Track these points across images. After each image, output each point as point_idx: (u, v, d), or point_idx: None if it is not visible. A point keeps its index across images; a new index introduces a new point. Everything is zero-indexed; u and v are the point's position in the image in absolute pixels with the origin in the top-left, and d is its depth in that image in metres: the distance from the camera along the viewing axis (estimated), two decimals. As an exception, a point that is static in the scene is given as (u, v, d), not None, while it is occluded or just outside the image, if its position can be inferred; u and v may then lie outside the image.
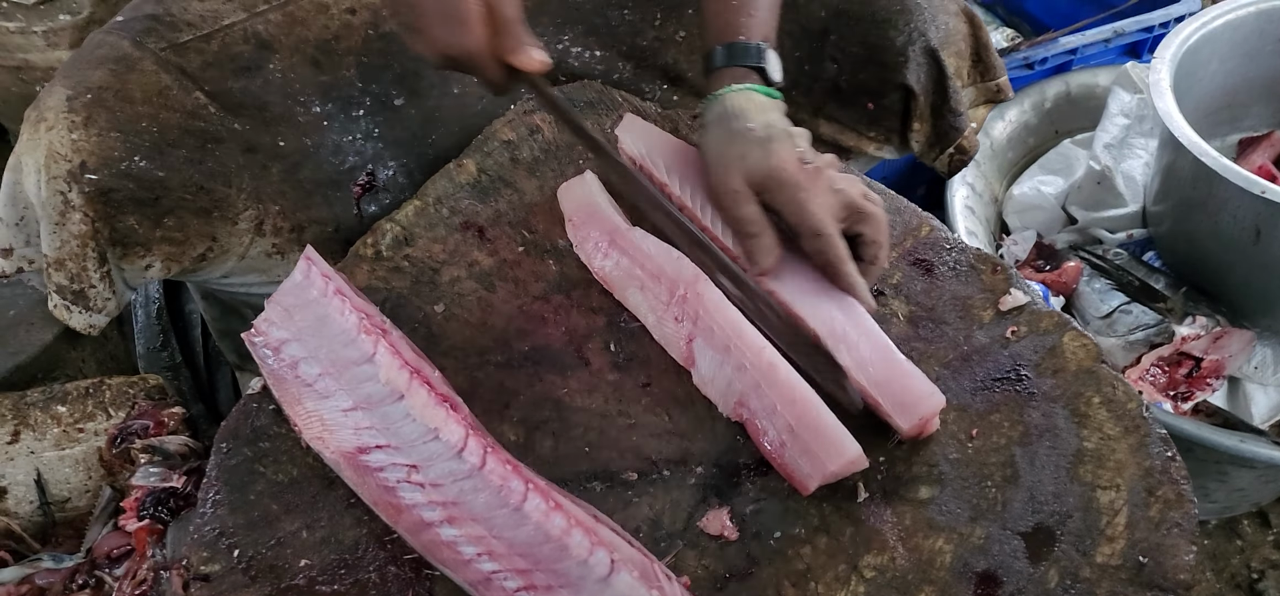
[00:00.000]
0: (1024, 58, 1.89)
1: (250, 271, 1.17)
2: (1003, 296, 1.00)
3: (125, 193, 1.04)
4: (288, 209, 1.16)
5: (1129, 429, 0.89)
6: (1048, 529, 0.83)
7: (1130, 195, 1.75)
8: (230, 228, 1.12)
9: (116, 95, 1.05)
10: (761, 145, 0.96)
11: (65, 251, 1.05)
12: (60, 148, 1.02)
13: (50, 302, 1.09)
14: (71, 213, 1.03)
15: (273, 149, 1.14)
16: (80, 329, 1.10)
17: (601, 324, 1.00)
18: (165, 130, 1.06)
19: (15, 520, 1.11)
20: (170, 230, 1.08)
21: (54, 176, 1.02)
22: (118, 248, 1.06)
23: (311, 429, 0.83)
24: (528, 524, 0.77)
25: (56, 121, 1.03)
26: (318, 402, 0.84)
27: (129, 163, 1.04)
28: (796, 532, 0.83)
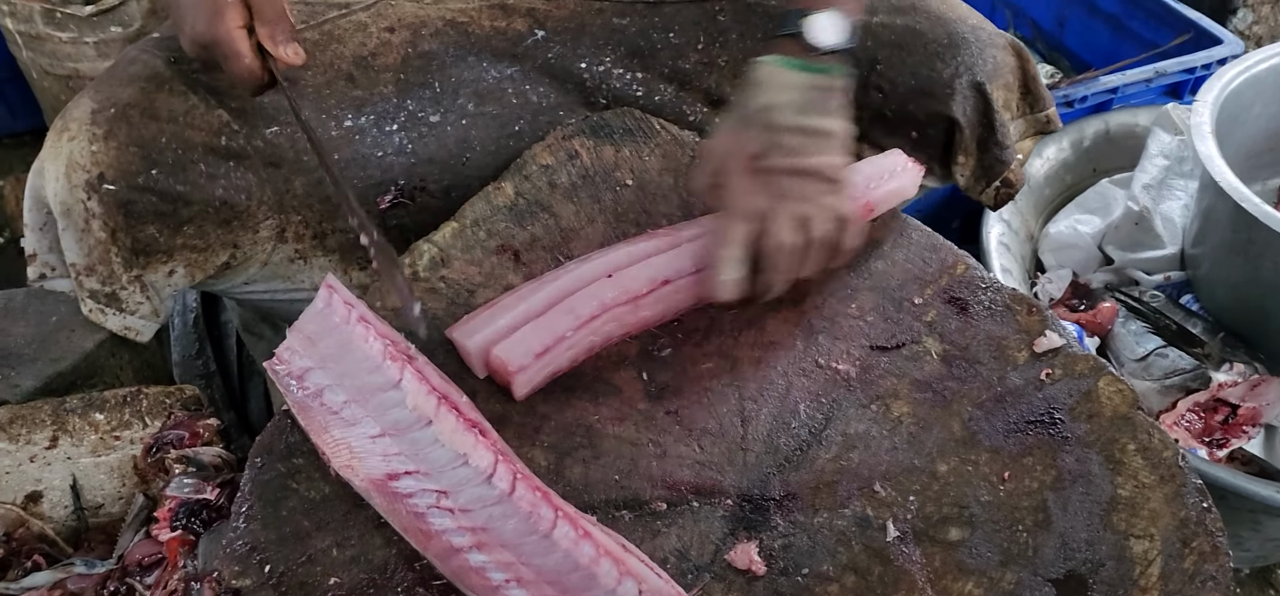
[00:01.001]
0: (1064, 95, 1.89)
1: (274, 278, 1.19)
2: (1038, 338, 1.00)
3: (144, 204, 1.07)
4: (310, 218, 1.18)
5: (1164, 478, 0.88)
6: (1080, 577, 0.82)
7: (1168, 237, 1.74)
8: (252, 235, 1.14)
9: (142, 112, 1.08)
10: (737, 124, 1.00)
11: (94, 257, 1.07)
12: (79, 158, 1.05)
13: (84, 308, 1.11)
14: (93, 221, 1.06)
15: (296, 163, 1.15)
16: (118, 331, 1.12)
17: (634, 352, 1.00)
18: (188, 148, 1.09)
19: (50, 524, 1.13)
20: (190, 238, 1.10)
21: (74, 185, 1.05)
22: (140, 256, 1.09)
23: (340, 457, 0.84)
24: (557, 551, 0.77)
25: (78, 132, 1.06)
26: (345, 430, 0.84)
27: (146, 176, 1.07)
28: (825, 570, 0.83)
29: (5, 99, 2.36)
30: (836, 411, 0.94)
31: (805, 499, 0.88)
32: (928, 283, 1.06)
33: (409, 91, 1.21)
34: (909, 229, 1.12)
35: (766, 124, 0.98)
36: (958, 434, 0.92)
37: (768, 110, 0.98)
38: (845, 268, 1.07)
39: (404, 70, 1.21)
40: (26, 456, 1.10)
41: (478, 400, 0.94)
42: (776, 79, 1.00)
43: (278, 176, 1.15)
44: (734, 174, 0.99)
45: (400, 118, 1.21)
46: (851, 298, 1.05)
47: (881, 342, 1.01)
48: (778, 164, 0.97)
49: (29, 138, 2.42)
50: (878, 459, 0.90)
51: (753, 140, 0.98)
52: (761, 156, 0.97)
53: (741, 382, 0.97)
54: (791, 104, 0.98)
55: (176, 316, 1.59)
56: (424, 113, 1.22)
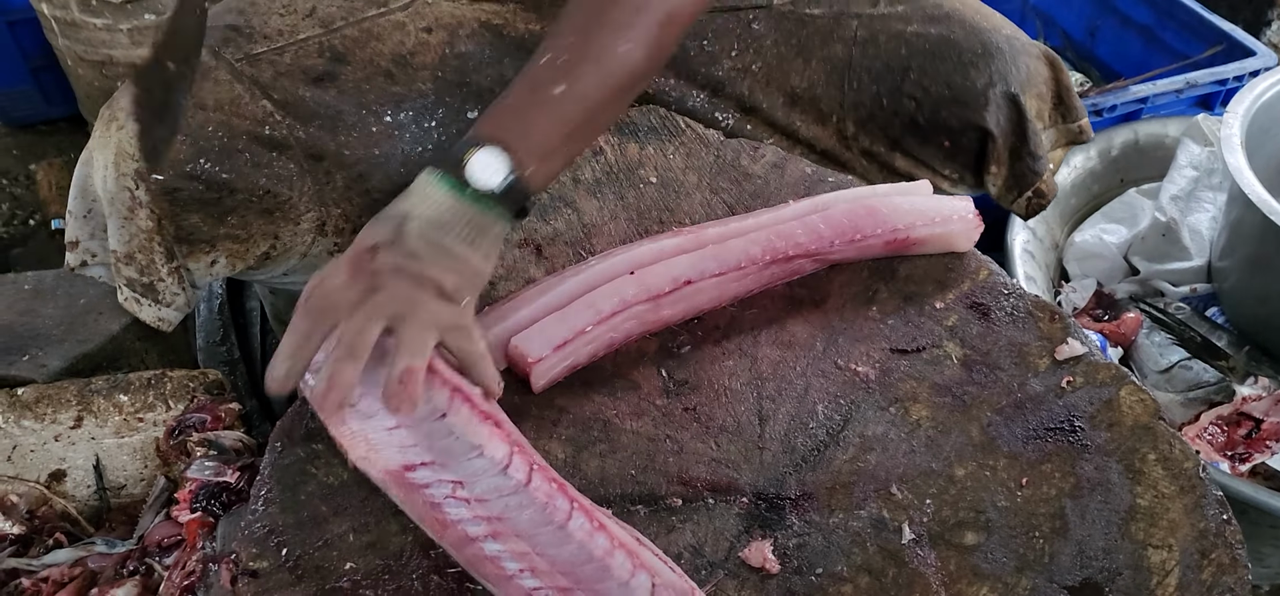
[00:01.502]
0: (1093, 104, 1.87)
1: (312, 270, 1.20)
2: (1060, 345, 0.99)
3: (190, 192, 1.08)
4: (350, 213, 1.18)
5: (1184, 488, 0.87)
6: (1096, 585, 0.82)
7: (1195, 249, 1.72)
8: (293, 228, 1.15)
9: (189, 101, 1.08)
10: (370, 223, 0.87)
11: (134, 246, 1.09)
12: (129, 147, 1.06)
13: (120, 296, 1.13)
14: (139, 209, 1.07)
15: (337, 157, 1.16)
16: (150, 322, 1.14)
17: (653, 348, 1.00)
18: (233, 136, 1.10)
19: (72, 503, 1.14)
20: (233, 228, 1.11)
21: (122, 173, 1.06)
22: (183, 245, 1.10)
23: (357, 449, 0.83)
24: (571, 542, 0.78)
25: (127, 122, 1.07)
26: (361, 423, 0.83)
27: (194, 165, 1.08)
28: (839, 570, 0.83)
29: (41, 85, 2.39)
30: (855, 413, 0.94)
31: (821, 499, 0.88)
32: (950, 288, 1.06)
33: (446, 90, 1.22)
34: (932, 233, 1.12)
35: (397, 224, 0.85)
36: (976, 438, 0.92)
37: (405, 217, 0.85)
38: (867, 270, 1.07)
39: (442, 69, 1.22)
40: (51, 435, 1.12)
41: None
42: (428, 191, 0.87)
43: (319, 169, 1.16)
44: (343, 260, 0.85)
45: (438, 114, 1.22)
46: (873, 301, 1.05)
47: (902, 345, 1.00)
48: (387, 262, 0.83)
49: (63, 124, 2.45)
50: (895, 461, 0.90)
51: (375, 234, 0.85)
52: (375, 251, 0.84)
53: (760, 381, 0.97)
54: (432, 218, 0.86)
55: (202, 303, 1.61)
56: (461, 109, 1.23)
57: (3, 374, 1.14)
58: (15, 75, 2.36)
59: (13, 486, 1.13)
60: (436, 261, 0.84)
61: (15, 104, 2.43)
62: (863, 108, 1.15)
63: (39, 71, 2.36)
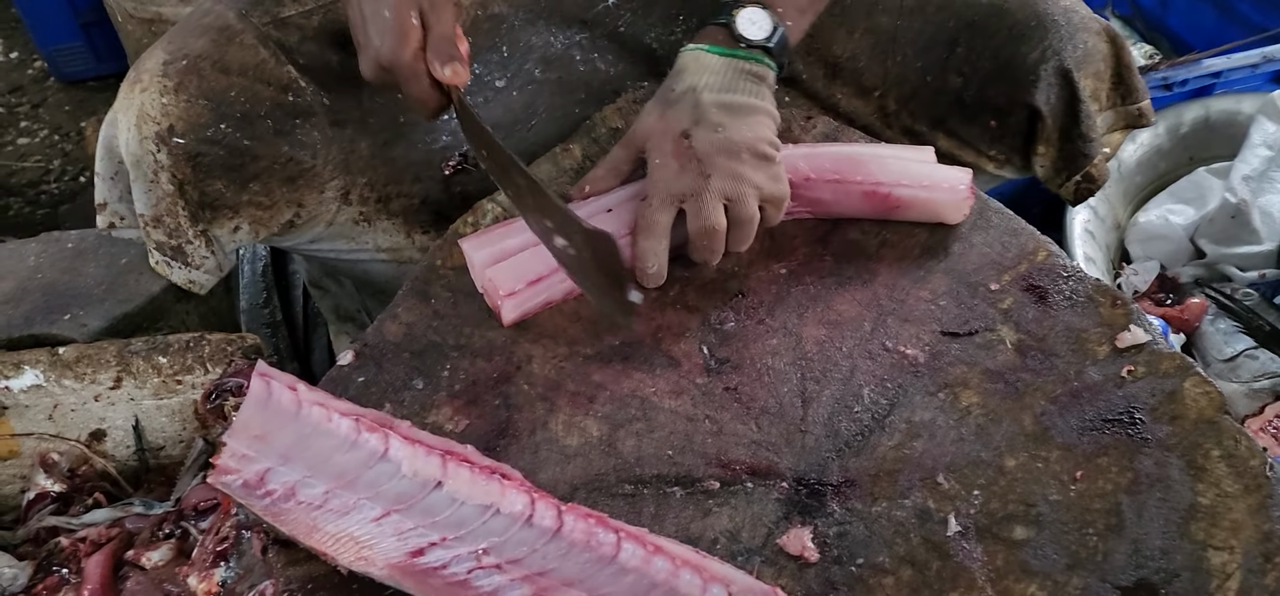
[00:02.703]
0: (1162, 78, 1.80)
1: (338, 238, 1.19)
2: (1121, 332, 0.95)
3: (212, 157, 1.07)
4: (375, 181, 1.17)
5: (1250, 487, 0.83)
6: (1151, 586, 0.78)
7: (1267, 232, 1.65)
8: (317, 195, 1.14)
9: (213, 64, 1.08)
10: (661, 107, 1.00)
11: (161, 208, 1.09)
12: (150, 109, 1.05)
13: (151, 258, 1.13)
14: (161, 173, 1.07)
15: (362, 124, 1.15)
16: (182, 285, 1.14)
17: (695, 323, 0.97)
18: (256, 102, 1.09)
19: (112, 463, 1.14)
20: (256, 195, 1.10)
21: (144, 136, 1.06)
22: (206, 210, 1.09)
23: (346, 553, 0.75)
24: (628, 574, 0.73)
25: (150, 84, 1.06)
26: (340, 522, 0.75)
27: (215, 129, 1.07)
28: (881, 561, 0.80)
29: (91, 42, 2.41)
30: (902, 397, 0.91)
31: (864, 486, 0.85)
32: (1006, 269, 1.02)
33: (477, 54, 1.20)
34: (989, 211, 1.08)
35: (692, 103, 0.97)
36: (1029, 428, 0.88)
37: (693, 91, 0.98)
38: (919, 248, 1.03)
39: (473, 32, 1.19)
40: (91, 395, 1.12)
41: (533, 364, 0.93)
42: (701, 62, 1.00)
43: (343, 136, 1.14)
44: (659, 153, 0.97)
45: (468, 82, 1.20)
46: (924, 280, 1.01)
47: (953, 328, 0.97)
48: (705, 139, 0.96)
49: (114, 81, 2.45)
50: (942, 449, 0.87)
51: (679, 119, 0.97)
52: (688, 135, 0.96)
53: (805, 362, 0.94)
54: (716, 84, 0.99)
55: (246, 264, 1.61)
56: (491, 77, 1.20)
57: (44, 332, 1.14)
58: (66, 31, 2.38)
59: (54, 445, 1.14)
60: (741, 124, 0.97)
61: (66, 60, 2.45)
62: (907, 83, 1.10)
63: (89, 27, 2.38)
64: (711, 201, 0.95)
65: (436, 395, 0.91)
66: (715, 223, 0.95)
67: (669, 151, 0.97)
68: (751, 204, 0.96)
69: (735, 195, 0.95)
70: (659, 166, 0.97)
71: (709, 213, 0.95)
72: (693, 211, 0.96)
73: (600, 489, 0.85)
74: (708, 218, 0.95)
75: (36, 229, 1.47)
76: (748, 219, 0.96)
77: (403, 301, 0.99)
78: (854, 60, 1.25)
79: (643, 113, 1.03)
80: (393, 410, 0.89)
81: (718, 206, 0.95)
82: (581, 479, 0.85)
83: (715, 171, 0.95)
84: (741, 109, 0.99)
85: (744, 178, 0.96)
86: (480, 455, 0.80)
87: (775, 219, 1.00)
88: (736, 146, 0.96)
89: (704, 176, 0.95)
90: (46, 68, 2.52)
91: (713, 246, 0.97)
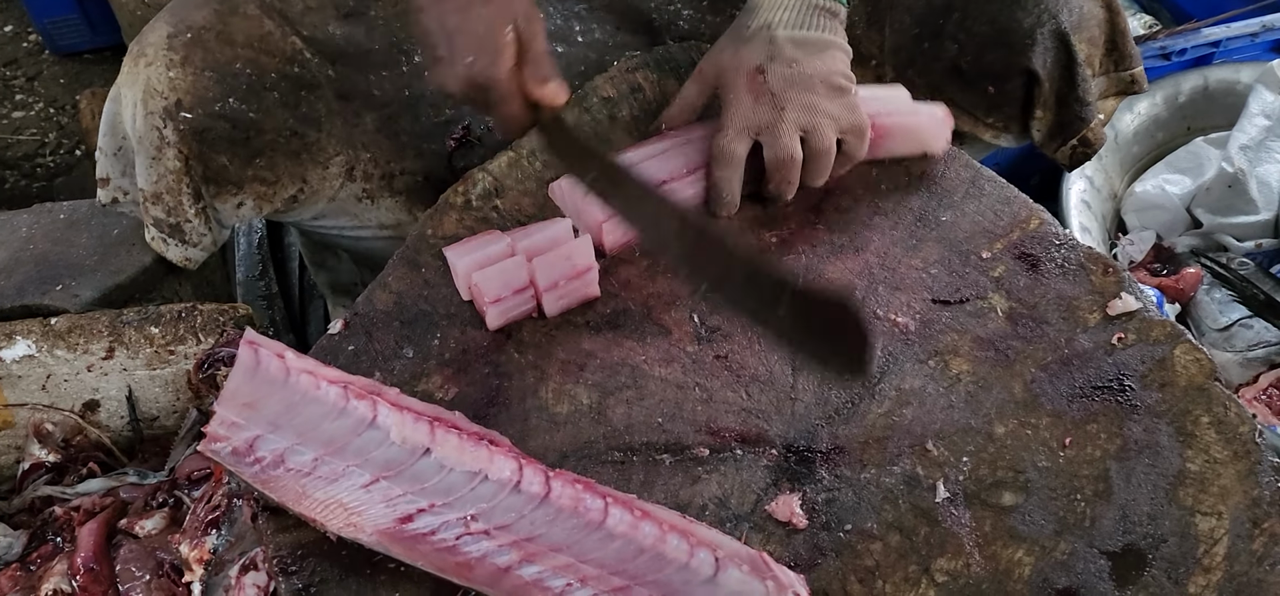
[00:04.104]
0: (1161, 47, 1.79)
1: (340, 214, 1.18)
2: (1112, 300, 0.94)
3: (219, 132, 1.06)
4: (379, 157, 1.16)
5: (1238, 454, 0.83)
6: (1139, 551, 0.78)
7: (1264, 202, 1.64)
8: (321, 171, 1.13)
9: (217, 36, 1.07)
10: (737, 42, 1.01)
11: (161, 185, 1.07)
12: (157, 84, 1.04)
13: (147, 234, 1.12)
14: (166, 148, 1.05)
15: (367, 97, 1.14)
16: (176, 261, 1.13)
17: (686, 292, 0.97)
18: (262, 74, 1.08)
19: (106, 433, 1.15)
20: (261, 170, 1.09)
21: (150, 112, 1.05)
22: (211, 185, 1.08)
23: (335, 519, 0.75)
24: (615, 539, 0.73)
25: (155, 58, 1.05)
26: (329, 489, 0.75)
27: (223, 103, 1.06)
28: (868, 527, 0.80)
29: (86, 14, 2.39)
30: (892, 365, 0.91)
31: (853, 453, 0.85)
32: (998, 236, 1.02)
33: None
34: (981, 179, 1.07)
35: (767, 39, 0.99)
36: (1019, 395, 0.88)
37: (767, 26, 1.00)
38: (912, 217, 1.03)
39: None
40: (84, 365, 1.12)
41: (523, 332, 0.93)
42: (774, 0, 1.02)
43: (348, 109, 1.13)
44: (733, 89, 1.00)
45: None
46: (916, 249, 1.01)
47: (944, 296, 0.96)
48: (779, 74, 0.98)
49: (109, 53, 2.45)
50: (932, 416, 0.87)
51: (753, 54, 0.99)
52: (762, 70, 0.98)
53: (795, 330, 0.94)
54: (789, 20, 1.00)
55: (242, 237, 1.61)
56: None
57: (36, 303, 1.14)
58: (61, 3, 2.37)
59: (48, 414, 1.14)
60: (814, 58, 0.99)
61: (61, 33, 2.43)
62: (903, 51, 1.10)
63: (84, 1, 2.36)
64: (787, 132, 0.97)
65: (427, 363, 0.91)
66: (792, 152, 0.97)
67: (743, 86, 0.99)
68: (828, 134, 0.98)
69: (811, 126, 0.98)
70: (733, 101, 0.99)
71: (786, 142, 0.97)
72: (769, 142, 0.98)
73: (590, 456, 0.85)
74: (784, 147, 0.97)
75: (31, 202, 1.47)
76: (825, 150, 0.99)
77: (393, 270, 0.99)
78: (851, 29, 1.24)
79: (714, 49, 1.05)
80: (383, 378, 0.89)
81: (794, 136, 0.97)
82: (571, 446, 0.86)
83: (789, 104, 0.97)
84: (815, 44, 1.00)
85: (819, 109, 0.98)
86: (468, 422, 0.80)
87: (860, 151, 1.02)
88: (810, 79, 0.98)
89: (779, 109, 0.97)
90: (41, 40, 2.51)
91: (789, 177, 0.99)
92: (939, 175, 1.07)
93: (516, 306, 0.93)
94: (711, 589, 0.72)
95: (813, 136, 0.98)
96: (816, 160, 0.99)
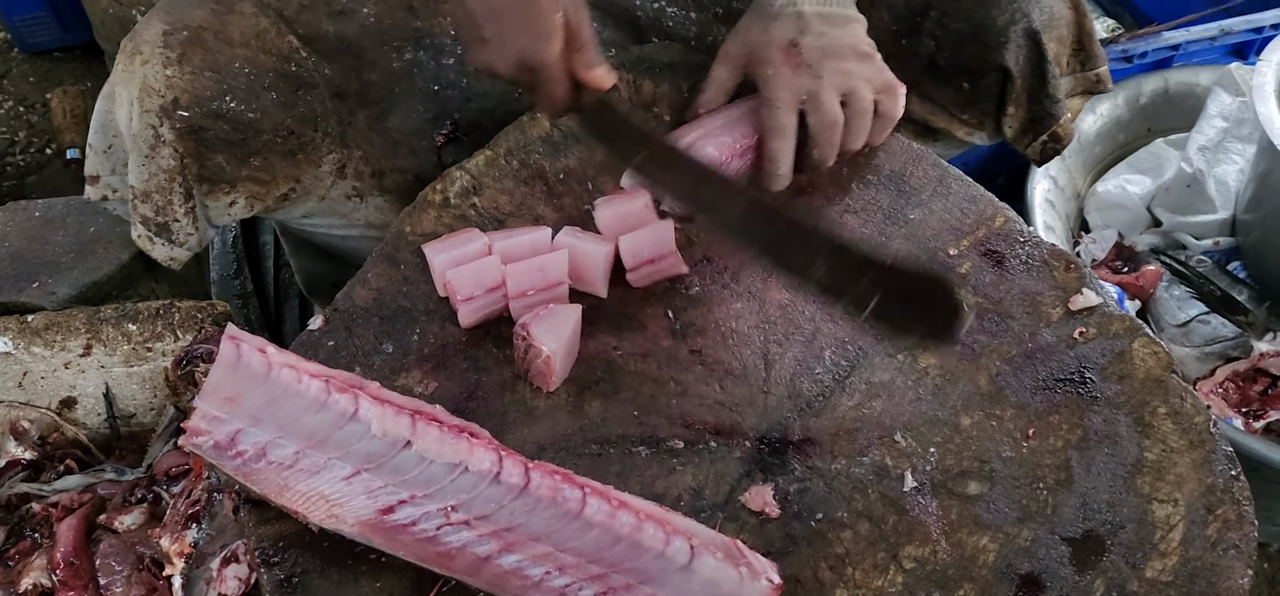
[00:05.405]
0: (1123, 50, 1.83)
1: (329, 213, 1.19)
2: (1074, 296, 0.97)
3: (216, 132, 1.05)
4: (370, 155, 1.17)
5: (1194, 443, 0.86)
6: (1098, 537, 0.81)
7: (1221, 201, 1.69)
8: (314, 170, 1.13)
9: (215, 35, 1.06)
10: (765, 21, 1.05)
11: (152, 184, 1.06)
12: (154, 82, 1.04)
13: (134, 232, 1.10)
14: (161, 147, 1.05)
15: (360, 95, 1.14)
16: (161, 261, 1.12)
17: (661, 288, 0.99)
18: (259, 73, 1.08)
19: (83, 430, 1.15)
20: (256, 170, 1.09)
21: (146, 110, 1.04)
22: (204, 184, 1.08)
23: (317, 510, 0.76)
24: (593, 528, 0.75)
25: (152, 56, 1.04)
26: (310, 481, 0.76)
27: (221, 103, 1.05)
28: (839, 516, 0.82)
29: (56, 12, 2.37)
30: (862, 359, 0.93)
31: (824, 444, 0.87)
32: (965, 234, 1.04)
33: None
34: (949, 178, 1.10)
35: (795, 15, 1.04)
36: (984, 388, 0.91)
37: (794, 4, 1.05)
38: (881, 214, 1.06)
39: None
40: (61, 362, 1.12)
41: (502, 327, 0.95)
42: None
43: (342, 108, 1.14)
44: (770, 64, 1.04)
45: (455, 51, 1.20)
46: (885, 245, 1.03)
47: (912, 292, 0.99)
48: (812, 45, 1.03)
49: (79, 51, 2.44)
50: (900, 409, 0.89)
51: (785, 29, 1.04)
52: (795, 43, 1.03)
53: (768, 324, 0.96)
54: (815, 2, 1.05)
55: (216, 236, 1.61)
56: None
57: (13, 301, 1.14)
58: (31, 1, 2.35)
59: (24, 412, 1.14)
60: (840, 29, 1.04)
61: (31, 30, 2.41)
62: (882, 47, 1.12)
63: (55, -3, 2.35)
64: (829, 97, 1.02)
65: (406, 359, 0.93)
66: (836, 116, 1.03)
67: (780, 60, 1.03)
68: (866, 96, 1.04)
69: (849, 89, 1.03)
70: (773, 75, 1.03)
71: (829, 107, 1.02)
72: (812, 108, 1.02)
73: (567, 449, 0.87)
74: (828, 112, 1.02)
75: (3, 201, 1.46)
76: (865, 110, 1.04)
77: (372, 267, 1.00)
78: None
79: (737, 30, 1.09)
80: (363, 374, 0.90)
81: (835, 101, 1.03)
82: (548, 439, 0.87)
83: (826, 72, 1.02)
84: (838, 18, 1.05)
85: (854, 73, 1.03)
86: (449, 414, 0.81)
87: (896, 109, 1.08)
88: (841, 48, 1.04)
89: (817, 77, 1.02)
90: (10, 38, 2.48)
91: (833, 140, 1.04)
92: (907, 174, 1.10)
93: (489, 305, 0.95)
94: (686, 576, 0.74)
95: (852, 99, 1.03)
96: (857, 120, 1.05)
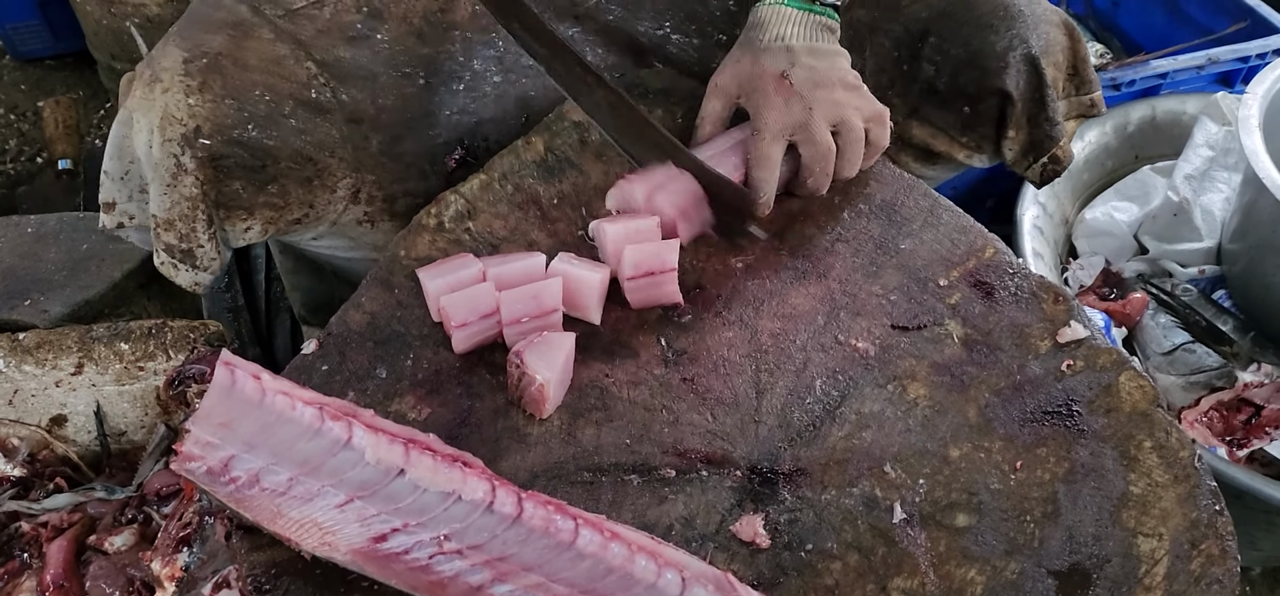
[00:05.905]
0: (1111, 78, 1.85)
1: (340, 236, 1.19)
2: (1062, 328, 0.99)
3: (235, 159, 1.05)
4: (383, 180, 1.17)
5: (1179, 477, 0.87)
6: (1084, 571, 0.82)
7: (1207, 230, 1.70)
8: (329, 195, 1.13)
9: (233, 62, 1.06)
10: (755, 53, 1.09)
11: (175, 212, 1.06)
12: (176, 111, 1.03)
13: (156, 259, 1.10)
14: (184, 176, 1.04)
15: (374, 120, 1.15)
16: (186, 286, 1.10)
17: (654, 316, 1.00)
18: (278, 100, 1.08)
19: (73, 448, 1.15)
20: (272, 196, 1.09)
21: (168, 138, 1.03)
22: (222, 210, 1.08)
23: (310, 538, 0.76)
24: (585, 559, 0.75)
25: (172, 84, 1.04)
26: (303, 508, 0.76)
27: (242, 130, 1.05)
28: (829, 547, 0.83)
29: (49, 20, 2.38)
30: (852, 389, 0.94)
31: (815, 475, 0.88)
32: (954, 264, 1.05)
33: (473, 51, 1.20)
34: (939, 209, 1.11)
35: (784, 47, 1.09)
36: (973, 420, 0.92)
37: (783, 38, 1.09)
38: (872, 244, 1.07)
39: (470, 29, 1.20)
40: (52, 380, 1.12)
41: (495, 353, 0.95)
42: (781, 16, 1.10)
43: (357, 133, 1.14)
44: (763, 94, 1.07)
45: (465, 77, 1.20)
46: (876, 276, 1.04)
47: (903, 322, 1.00)
48: (803, 77, 1.07)
49: (71, 59, 2.44)
50: (890, 440, 0.90)
51: (775, 62, 1.08)
52: (786, 75, 1.07)
53: (760, 354, 0.97)
54: (799, 34, 1.10)
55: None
56: (487, 71, 1.21)
57: (4, 318, 1.14)
58: (23, 9, 2.35)
59: (14, 430, 1.14)
60: (829, 63, 1.09)
61: (23, 38, 2.42)
62: (883, 73, 1.15)
63: (46, 5, 2.35)
64: (821, 127, 1.06)
65: (400, 384, 0.93)
66: (828, 145, 1.06)
67: (771, 91, 1.07)
68: (857, 124, 1.08)
69: (840, 119, 1.07)
70: (764, 105, 1.07)
71: (821, 137, 1.06)
72: (804, 140, 1.07)
73: (559, 476, 0.87)
74: (821, 142, 1.06)
75: (-7, 212, 1.46)
76: (856, 139, 1.08)
77: (366, 291, 1.00)
78: None
79: (727, 63, 1.13)
80: (356, 399, 0.91)
81: (826, 131, 1.06)
82: (541, 466, 0.88)
83: (817, 102, 1.06)
84: (825, 52, 1.10)
85: (843, 103, 1.07)
86: (443, 443, 0.81)
87: (885, 138, 1.11)
88: (830, 79, 1.08)
89: (808, 108, 1.06)
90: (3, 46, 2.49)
91: (826, 169, 1.08)
92: (899, 204, 1.11)
93: (483, 331, 0.95)
94: None
95: (844, 128, 1.07)
96: (850, 148, 1.08)
